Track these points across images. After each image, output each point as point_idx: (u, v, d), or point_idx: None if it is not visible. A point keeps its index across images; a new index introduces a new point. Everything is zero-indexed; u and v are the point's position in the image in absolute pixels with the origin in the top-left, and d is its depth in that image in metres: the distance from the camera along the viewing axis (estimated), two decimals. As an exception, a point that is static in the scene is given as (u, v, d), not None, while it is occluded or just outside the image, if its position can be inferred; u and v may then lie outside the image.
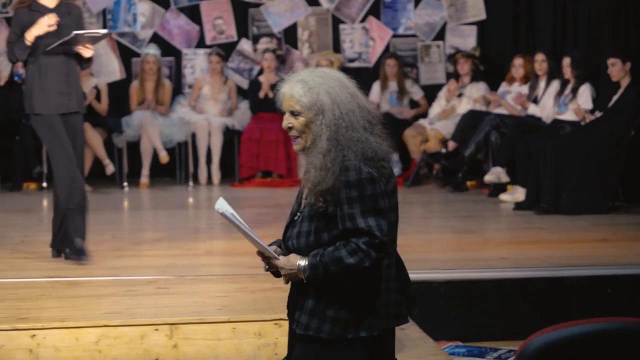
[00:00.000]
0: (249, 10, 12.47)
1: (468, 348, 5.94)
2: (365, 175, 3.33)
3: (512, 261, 6.77)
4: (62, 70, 6.65)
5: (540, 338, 2.65)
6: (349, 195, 3.32)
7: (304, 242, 3.48)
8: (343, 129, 3.37)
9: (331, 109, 3.39)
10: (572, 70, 9.75)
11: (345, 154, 3.35)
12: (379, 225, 3.33)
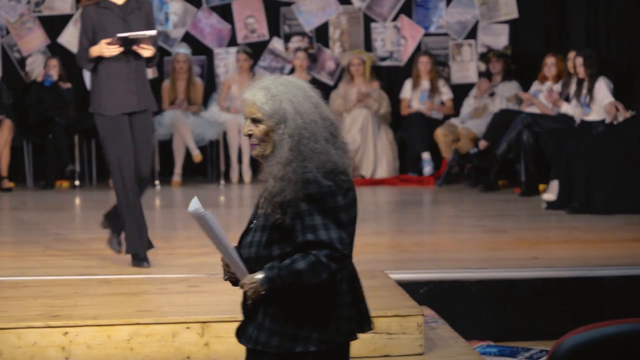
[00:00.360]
0: (281, 9, 12.48)
1: (500, 348, 5.93)
2: (325, 188, 3.27)
3: (544, 261, 6.74)
4: (127, 69, 6.52)
5: (573, 338, 2.64)
6: (310, 208, 3.26)
7: (254, 252, 3.40)
8: (305, 140, 3.30)
9: (294, 118, 3.32)
10: (586, 69, 9.68)
11: (307, 165, 3.28)
12: (341, 238, 3.28)
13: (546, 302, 6.27)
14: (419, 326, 5.15)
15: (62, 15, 12.22)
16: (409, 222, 8.71)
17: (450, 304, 6.15)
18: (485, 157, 10.89)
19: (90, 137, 11.81)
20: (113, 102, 6.54)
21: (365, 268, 6.45)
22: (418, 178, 11.60)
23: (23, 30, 12.22)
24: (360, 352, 5.11)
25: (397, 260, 6.96)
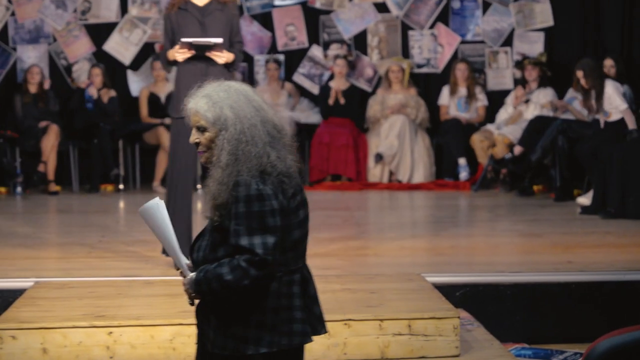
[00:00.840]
0: (320, 17, 12.50)
1: (534, 350, 5.91)
2: (254, 191, 3.25)
3: (578, 265, 6.71)
4: (201, 73, 6.32)
5: (607, 341, 2.63)
6: (237, 211, 3.25)
7: (202, 255, 3.41)
8: (243, 144, 3.29)
9: (234, 124, 3.32)
10: (587, 80, 9.63)
11: (240, 169, 3.27)
12: (264, 244, 3.24)
13: (580, 305, 6.24)
14: (454, 328, 5.14)
15: (107, 24, 12.29)
16: (445, 226, 8.69)
17: (486, 306, 6.13)
18: (520, 163, 10.86)
19: (134, 142, 11.88)
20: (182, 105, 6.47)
21: (401, 271, 6.49)
22: (454, 183, 11.58)
23: (69, 38, 12.30)
24: (397, 354, 5.12)
25: (433, 263, 6.96)
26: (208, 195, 3.35)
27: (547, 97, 11.28)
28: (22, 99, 11.64)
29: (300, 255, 3.46)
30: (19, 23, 12.18)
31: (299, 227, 3.41)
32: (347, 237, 8.08)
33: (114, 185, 11.72)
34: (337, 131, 11.83)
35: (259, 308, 3.34)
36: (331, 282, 6.08)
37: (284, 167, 3.35)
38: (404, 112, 11.81)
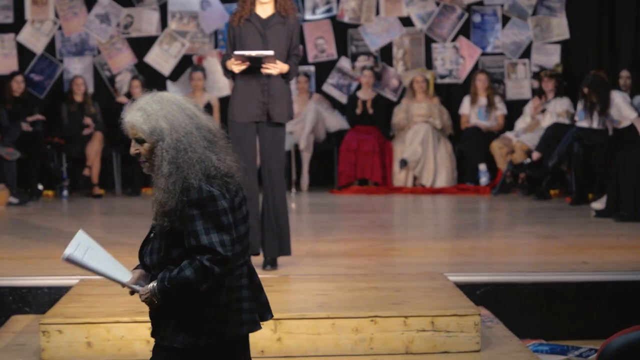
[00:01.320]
0: (348, 31, 12.51)
1: (551, 346, 5.88)
2: (206, 194, 3.26)
3: (593, 265, 6.67)
4: (258, 82, 6.38)
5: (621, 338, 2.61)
6: (191, 213, 3.25)
7: (156, 258, 3.40)
8: (182, 152, 3.28)
9: (170, 134, 3.30)
10: (592, 95, 9.60)
11: (186, 175, 3.27)
12: (222, 242, 3.26)
13: (595, 303, 6.21)
14: (475, 325, 5.13)
15: (148, 37, 12.35)
16: (466, 228, 8.67)
17: (505, 304, 6.11)
18: (537, 168, 10.83)
19: (173, 148, 11.89)
20: (241, 110, 6.44)
21: (425, 270, 6.47)
22: (475, 187, 11.56)
23: (113, 50, 12.36)
24: (421, 349, 5.11)
25: (455, 263, 6.94)
26: (155, 203, 3.34)
27: (564, 107, 11.24)
28: (68, 107, 11.70)
29: (246, 249, 3.47)
30: (65, 37, 12.25)
31: (244, 222, 3.43)
32: (373, 239, 8.07)
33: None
34: (364, 138, 11.84)
35: (210, 301, 3.35)
36: (358, 280, 6.08)
37: (225, 168, 3.36)
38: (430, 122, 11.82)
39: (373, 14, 12.47)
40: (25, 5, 12.15)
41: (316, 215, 9.95)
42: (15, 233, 8.47)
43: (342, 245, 7.70)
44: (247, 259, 3.50)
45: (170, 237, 3.35)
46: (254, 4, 6.43)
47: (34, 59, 12.23)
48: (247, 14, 6.43)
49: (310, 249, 7.47)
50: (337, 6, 12.47)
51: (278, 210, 6.51)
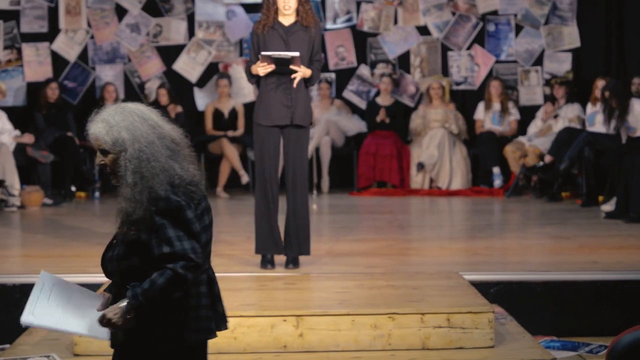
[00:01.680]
0: (367, 39, 12.50)
1: (562, 342, 5.86)
2: (173, 203, 3.21)
3: (603, 265, 6.65)
4: (282, 86, 6.37)
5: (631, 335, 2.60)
6: (162, 222, 3.20)
7: (116, 266, 3.35)
8: (145, 162, 3.23)
9: (132, 144, 3.25)
10: (613, 99, 9.54)
11: (151, 184, 3.22)
12: (194, 249, 3.22)
13: (605, 302, 6.18)
14: (489, 322, 5.11)
15: (176, 45, 12.38)
16: (481, 228, 8.65)
17: (518, 302, 6.10)
18: (549, 171, 10.79)
19: (199, 152, 11.93)
20: (266, 114, 6.42)
21: (441, 269, 6.46)
22: (489, 190, 11.53)
23: (142, 58, 12.40)
24: (437, 345, 5.10)
25: (470, 262, 6.92)
26: (121, 212, 3.28)
27: (575, 112, 11.21)
28: (100, 113, 11.71)
29: (206, 258, 3.41)
30: (97, 45, 12.30)
31: (205, 231, 3.37)
32: (391, 239, 8.06)
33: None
34: (383, 142, 11.83)
35: (172, 308, 3.30)
36: (377, 279, 6.08)
37: (189, 177, 3.32)
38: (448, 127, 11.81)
39: (391, 23, 12.46)
40: (60, 15, 12.20)
41: (336, 216, 9.94)
42: (49, 232, 8.50)
43: (361, 245, 7.70)
44: (207, 268, 3.44)
45: (134, 245, 3.29)
46: (277, 13, 6.44)
47: (68, 66, 12.28)
48: (271, 22, 6.45)
49: (330, 249, 7.47)
50: (357, 16, 12.46)
51: (300, 212, 6.50)
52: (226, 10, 12.34)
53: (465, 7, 12.38)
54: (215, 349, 5.03)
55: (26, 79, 12.18)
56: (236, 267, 6.64)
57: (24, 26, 12.16)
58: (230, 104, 11.93)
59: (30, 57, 12.22)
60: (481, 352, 5.04)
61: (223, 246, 7.56)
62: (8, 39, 12.16)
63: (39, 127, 11.35)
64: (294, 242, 6.51)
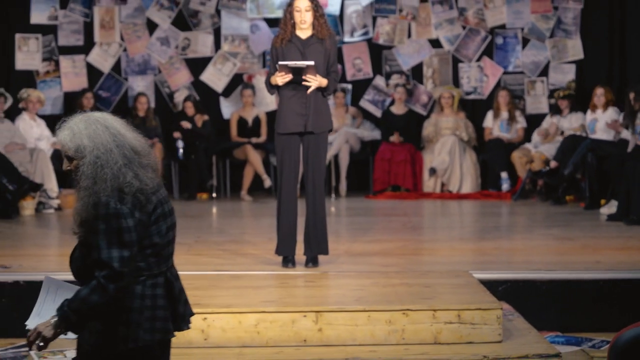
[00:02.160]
0: (383, 52, 12.49)
1: (566, 338, 5.83)
2: (112, 210, 3.20)
3: (605, 264, 6.61)
4: (300, 95, 6.36)
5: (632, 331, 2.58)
6: (97, 227, 3.20)
7: (75, 266, 3.35)
8: (99, 168, 3.24)
9: (91, 151, 3.26)
10: (638, 101, 9.48)
11: (98, 189, 3.22)
12: (121, 257, 3.19)
13: (607, 299, 6.15)
14: (498, 318, 5.10)
15: (203, 57, 12.40)
16: (489, 230, 8.62)
17: (524, 299, 6.07)
18: (554, 176, 10.75)
19: (225, 158, 11.96)
20: (285, 122, 6.42)
21: (451, 268, 6.45)
22: (497, 193, 11.50)
23: (172, 69, 12.43)
24: (448, 339, 5.09)
25: (479, 262, 6.90)
26: (75, 214, 3.30)
27: (579, 121, 11.16)
28: (132, 121, 11.75)
29: (164, 260, 3.40)
30: (130, 57, 12.34)
31: (160, 236, 3.36)
32: (404, 239, 8.05)
33: (208, 194, 11.81)
34: (397, 149, 11.83)
35: (124, 309, 3.29)
36: (391, 277, 6.07)
37: (141, 185, 3.29)
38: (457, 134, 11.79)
39: (405, 36, 12.44)
40: (95, 29, 12.25)
41: (353, 218, 9.94)
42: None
43: (376, 245, 7.69)
44: (164, 270, 3.41)
45: (86, 246, 3.30)
46: (294, 27, 6.46)
47: (102, 77, 12.32)
48: (289, 36, 6.46)
49: (347, 249, 7.46)
50: (373, 30, 12.46)
51: (318, 214, 6.51)
52: (250, 24, 12.36)
53: (475, 22, 12.36)
54: (240, 343, 5.05)
55: (63, 89, 12.24)
56: (259, 265, 6.64)
57: (62, 40, 12.21)
58: (253, 113, 11.95)
59: (67, 69, 12.27)
60: (490, 346, 5.03)
61: (247, 246, 7.57)
62: (46, 52, 12.21)
63: (75, 134, 11.36)
64: (313, 242, 6.51)
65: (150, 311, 3.34)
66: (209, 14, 12.35)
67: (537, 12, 12.27)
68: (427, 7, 12.37)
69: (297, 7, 6.42)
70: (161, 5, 12.27)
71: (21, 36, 12.13)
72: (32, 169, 10.19)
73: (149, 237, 3.33)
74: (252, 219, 9.90)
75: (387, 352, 4.97)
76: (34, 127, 10.84)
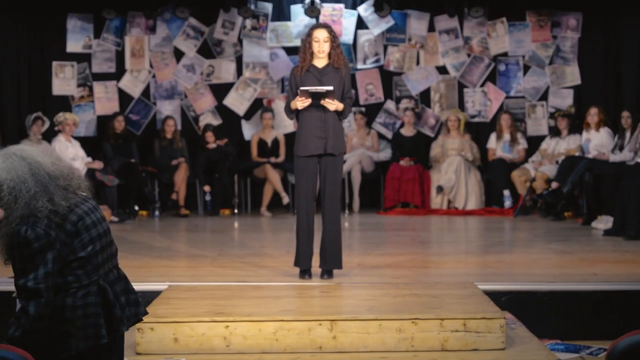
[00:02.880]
0: (393, 78, 12.51)
1: (566, 345, 5.79)
2: (22, 238, 3.20)
3: (602, 277, 6.57)
4: (318, 119, 6.37)
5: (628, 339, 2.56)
6: (13, 255, 3.21)
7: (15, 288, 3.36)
8: (14, 198, 3.24)
9: (8, 183, 3.26)
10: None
11: (12, 218, 3.23)
12: (35, 276, 3.19)
13: (604, 309, 6.10)
14: (501, 327, 5.07)
15: (226, 83, 12.45)
16: (493, 244, 8.59)
17: (526, 309, 6.04)
18: (554, 194, 10.72)
19: (246, 176, 11.97)
20: (304, 145, 6.42)
21: (458, 280, 6.42)
22: (500, 210, 11.47)
23: (197, 94, 12.47)
24: (455, 347, 5.06)
25: (483, 274, 6.87)
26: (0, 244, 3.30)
27: (576, 143, 11.15)
28: (160, 142, 11.82)
29: (94, 270, 3.38)
30: (158, 83, 12.39)
31: (85, 248, 3.35)
32: (413, 253, 8.03)
33: (230, 210, 11.82)
34: (406, 168, 11.82)
35: (58, 321, 3.28)
36: (401, 288, 6.05)
37: (54, 207, 3.29)
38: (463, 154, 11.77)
39: (414, 63, 12.46)
40: (125, 57, 12.32)
41: (365, 233, 9.92)
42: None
43: (387, 258, 7.67)
44: (95, 279, 3.40)
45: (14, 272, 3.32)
46: (312, 56, 6.48)
47: (132, 102, 12.38)
48: (307, 65, 6.48)
49: (360, 262, 7.44)
50: (384, 57, 12.48)
51: (333, 229, 6.50)
52: (270, 52, 12.40)
53: (479, 50, 12.36)
54: (259, 349, 5.04)
55: (96, 113, 12.30)
56: (278, 277, 6.63)
57: (95, 67, 12.28)
58: (272, 135, 11.97)
59: (100, 94, 12.33)
60: (493, 353, 5.00)
61: (266, 259, 7.56)
62: (81, 78, 12.28)
63: (107, 155, 11.44)
64: (329, 257, 6.51)
65: (82, 320, 3.33)
66: (231, 43, 12.39)
67: (537, 41, 12.26)
68: (435, 36, 12.38)
69: (316, 38, 6.44)
70: (187, 35, 12.33)
71: (58, 64, 12.21)
72: (67, 187, 10.20)
73: (73, 252, 3.33)
74: (271, 233, 9.89)
75: (397, 358, 4.94)
76: (69, 148, 10.89)
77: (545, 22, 12.23)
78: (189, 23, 12.30)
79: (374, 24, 12.34)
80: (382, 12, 12.14)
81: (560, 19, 12.21)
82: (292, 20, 12.32)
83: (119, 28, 12.29)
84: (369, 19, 12.34)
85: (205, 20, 12.33)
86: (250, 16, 12.17)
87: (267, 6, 12.31)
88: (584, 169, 10.11)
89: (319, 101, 6.32)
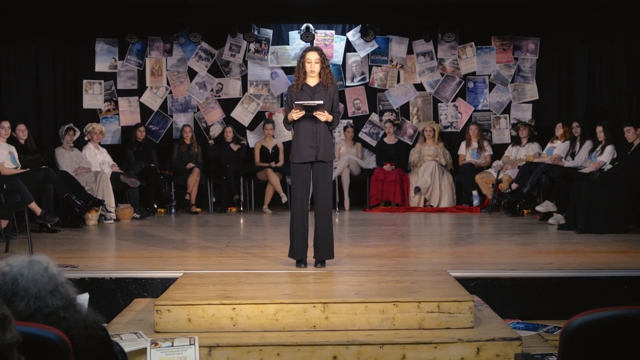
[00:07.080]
0: (377, 94, 12.51)
1: (525, 324, 5.79)
2: None
3: (557, 265, 6.58)
4: (310, 130, 6.36)
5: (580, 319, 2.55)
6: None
7: None
8: None
9: None
10: (604, 134, 9.55)
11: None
12: None
13: (559, 293, 6.11)
14: (470, 308, 5.07)
15: (233, 98, 12.44)
16: (463, 237, 8.59)
17: (492, 293, 6.04)
18: (515, 194, 10.73)
19: (250, 179, 11.95)
20: (299, 153, 6.42)
21: (433, 268, 6.42)
22: (469, 208, 11.47)
23: (208, 108, 12.46)
24: (430, 325, 5.06)
25: (455, 262, 6.87)
26: None
27: (534, 150, 11.18)
28: (179, 148, 11.80)
29: None
30: (174, 98, 12.37)
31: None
32: (395, 244, 8.02)
33: (236, 208, 11.79)
34: (388, 172, 11.82)
35: None
36: (384, 275, 6.04)
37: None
38: (437, 160, 11.77)
39: (395, 81, 12.47)
40: (146, 76, 12.30)
41: (353, 228, 9.91)
42: (137, 239, 8.53)
43: (372, 249, 7.67)
44: None
45: None
46: (305, 75, 6.49)
47: (152, 114, 12.36)
48: (301, 84, 6.49)
49: (349, 252, 7.44)
50: (369, 76, 12.48)
51: (325, 225, 6.50)
52: (270, 72, 12.40)
53: (451, 70, 12.38)
54: (262, 328, 5.03)
55: (121, 124, 12.28)
56: (277, 266, 6.62)
57: (120, 84, 12.27)
58: (273, 143, 11.96)
59: (124, 108, 12.31)
60: (463, 331, 5.00)
61: (267, 250, 7.55)
62: (107, 94, 12.26)
63: (130, 160, 11.42)
64: (321, 248, 6.50)
65: None
66: (237, 63, 12.39)
67: (501, 62, 12.29)
68: (413, 58, 12.40)
69: (309, 59, 6.44)
70: (200, 57, 12.32)
71: (87, 81, 12.18)
72: (96, 188, 10.21)
73: None
74: (272, 228, 9.88)
75: (380, 335, 4.94)
76: (97, 155, 10.87)
77: (508, 46, 12.25)
78: (201, 46, 12.29)
79: (361, 47, 12.35)
80: (368, 37, 12.16)
81: (520, 43, 12.23)
82: (290, 44, 12.32)
83: (141, 51, 12.28)
84: (356, 43, 12.35)
85: (215, 44, 12.32)
86: (254, 40, 12.18)
87: (269, 32, 12.32)
88: (541, 173, 10.14)
89: (312, 113, 6.32)
